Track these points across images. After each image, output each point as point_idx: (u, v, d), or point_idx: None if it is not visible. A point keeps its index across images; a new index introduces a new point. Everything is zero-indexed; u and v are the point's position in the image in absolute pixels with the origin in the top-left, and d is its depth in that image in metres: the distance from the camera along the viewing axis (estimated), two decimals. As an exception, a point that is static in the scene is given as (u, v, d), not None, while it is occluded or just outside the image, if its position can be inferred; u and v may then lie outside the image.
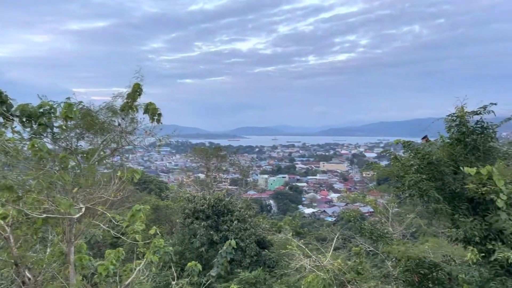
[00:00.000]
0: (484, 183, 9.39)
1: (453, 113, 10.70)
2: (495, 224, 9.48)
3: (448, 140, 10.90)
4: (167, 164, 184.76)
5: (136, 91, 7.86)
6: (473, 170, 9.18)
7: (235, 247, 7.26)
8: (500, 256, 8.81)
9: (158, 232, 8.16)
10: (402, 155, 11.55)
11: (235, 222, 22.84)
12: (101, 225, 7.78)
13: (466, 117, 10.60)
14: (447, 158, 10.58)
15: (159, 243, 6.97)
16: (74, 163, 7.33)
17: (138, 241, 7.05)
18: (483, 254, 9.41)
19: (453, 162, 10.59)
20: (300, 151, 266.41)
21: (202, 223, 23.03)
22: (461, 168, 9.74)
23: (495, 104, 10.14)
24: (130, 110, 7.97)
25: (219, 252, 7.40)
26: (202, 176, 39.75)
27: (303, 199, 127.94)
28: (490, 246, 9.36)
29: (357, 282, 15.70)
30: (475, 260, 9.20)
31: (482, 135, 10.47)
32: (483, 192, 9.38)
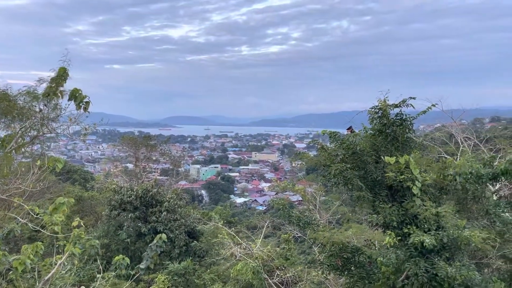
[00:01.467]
0: (402, 172, 10.04)
1: (376, 106, 11.25)
2: (411, 209, 10.11)
3: (371, 131, 11.41)
4: (93, 153, 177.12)
5: (62, 75, 7.43)
6: (392, 159, 9.80)
7: (166, 240, 7.19)
8: (416, 240, 9.38)
9: (82, 224, 7.83)
10: (329, 145, 11.83)
11: (164, 213, 22.50)
12: (18, 218, 7.32)
13: (387, 109, 11.20)
14: (369, 148, 11.08)
15: (80, 233, 6.70)
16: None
17: (58, 234, 6.72)
18: (400, 238, 10.00)
19: (375, 152, 11.12)
20: (233, 142, 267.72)
21: (130, 215, 22.43)
22: (382, 157, 10.38)
23: (414, 98, 10.84)
24: (54, 96, 7.53)
25: (149, 245, 7.29)
26: (130, 166, 38.57)
27: (235, 189, 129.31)
28: (406, 230, 9.96)
29: (284, 268, 16.23)
30: (392, 244, 9.72)
31: (401, 127, 11.13)
32: (401, 180, 10.05)
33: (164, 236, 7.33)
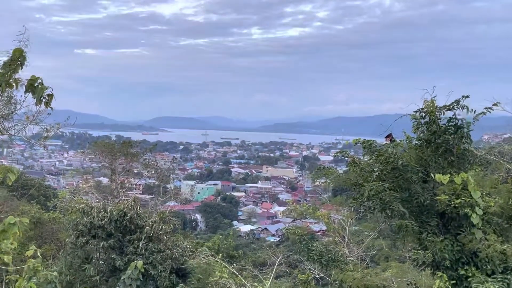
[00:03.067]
0: (458, 195, 10.00)
1: (422, 108, 11.15)
2: (469, 244, 10.05)
3: (416, 142, 11.43)
4: (57, 163, 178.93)
5: (18, 60, 7.46)
6: (445, 178, 9.71)
7: (143, 270, 7.20)
8: (476, 285, 9.33)
9: (39, 254, 7.85)
10: (363, 158, 11.99)
11: (145, 241, 22.46)
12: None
13: (437, 113, 11.07)
14: (414, 163, 11.05)
15: (36, 265, 6.70)
16: None
17: (7, 265, 6.71)
18: (454, 282, 9.91)
19: (422, 168, 11.09)
20: (238, 151, 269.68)
21: (101, 243, 22.38)
22: (432, 175, 10.23)
23: (467, 97, 10.67)
24: (6, 86, 7.58)
25: (122, 278, 7.32)
26: (104, 180, 38.65)
27: (240, 213, 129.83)
28: (463, 272, 9.93)
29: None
30: (444, 290, 9.59)
31: (456, 136, 11.02)
32: (457, 205, 9.99)
33: (140, 263, 7.34)
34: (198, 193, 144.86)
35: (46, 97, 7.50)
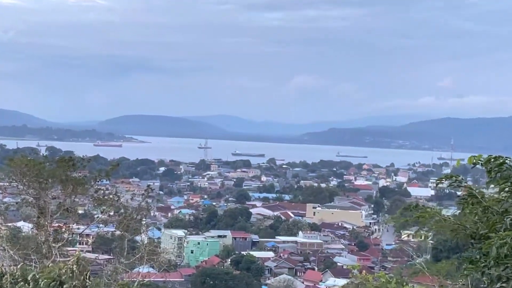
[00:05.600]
0: None
1: None
2: None
3: None
4: None
5: None
6: None
7: None
8: None
9: None
10: (487, 190, 11.91)
11: None
12: None
13: None
14: None
15: None
16: None
17: None
18: None
19: None
20: (263, 177, 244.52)
21: None
22: None
23: None
24: None
25: None
26: (26, 227, 36.65)
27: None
28: None
29: None
30: None
31: None
32: None
33: None
34: (192, 251, 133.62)
35: None
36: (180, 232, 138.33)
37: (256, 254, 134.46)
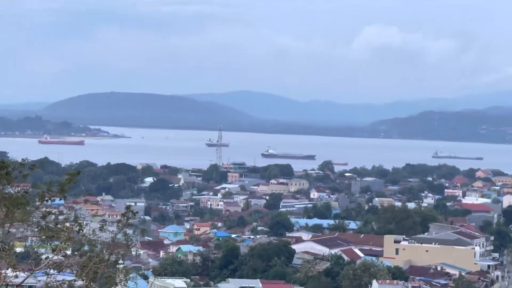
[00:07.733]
0: None
1: None
2: None
3: None
4: None
5: None
6: None
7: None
8: None
9: None
10: None
11: None
12: None
13: None
14: None
15: None
16: None
17: None
18: None
19: None
20: (316, 192, 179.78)
21: None
22: None
23: None
24: None
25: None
26: None
27: None
28: None
29: None
30: None
31: None
32: None
33: None
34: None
35: None
36: (179, 283, 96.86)
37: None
